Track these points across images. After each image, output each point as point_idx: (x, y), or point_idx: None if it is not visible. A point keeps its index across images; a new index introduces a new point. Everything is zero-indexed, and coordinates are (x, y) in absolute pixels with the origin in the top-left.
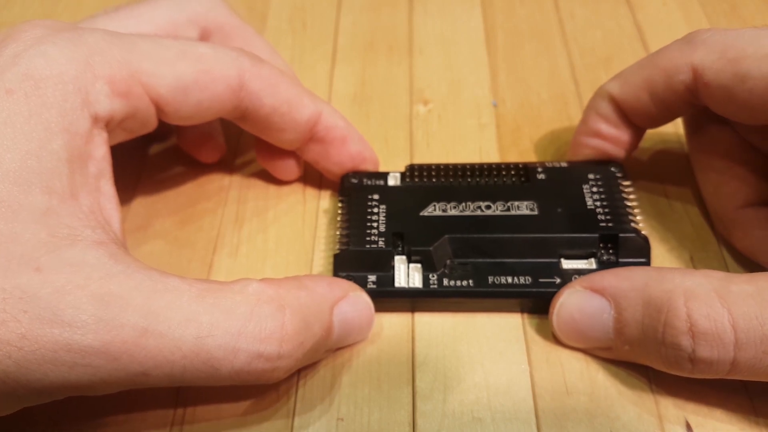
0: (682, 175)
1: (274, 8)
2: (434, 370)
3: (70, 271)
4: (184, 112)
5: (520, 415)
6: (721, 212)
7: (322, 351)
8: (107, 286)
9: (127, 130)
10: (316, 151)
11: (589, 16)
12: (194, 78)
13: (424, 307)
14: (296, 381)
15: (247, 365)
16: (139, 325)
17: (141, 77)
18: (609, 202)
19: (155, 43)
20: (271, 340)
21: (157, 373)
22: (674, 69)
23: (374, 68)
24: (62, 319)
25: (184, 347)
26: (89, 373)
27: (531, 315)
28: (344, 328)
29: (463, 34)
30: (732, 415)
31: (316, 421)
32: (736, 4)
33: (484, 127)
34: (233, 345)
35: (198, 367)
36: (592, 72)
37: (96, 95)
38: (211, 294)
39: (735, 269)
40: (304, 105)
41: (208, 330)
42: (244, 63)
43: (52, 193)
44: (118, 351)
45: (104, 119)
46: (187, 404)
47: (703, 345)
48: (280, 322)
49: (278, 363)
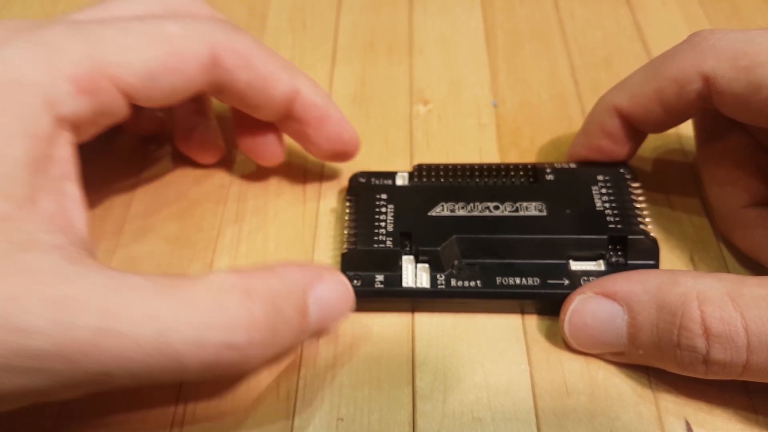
0: (682, 175)
1: (274, 8)
2: (434, 370)
3: (23, 276)
4: (157, 97)
5: (520, 415)
6: (724, 211)
7: (301, 336)
8: (62, 290)
9: (96, 125)
10: (295, 129)
11: (589, 16)
12: (164, 62)
13: (432, 308)
14: (296, 381)
15: (215, 357)
16: (96, 325)
17: (108, 70)
18: (618, 203)
19: (120, 30)
20: (239, 329)
21: (119, 372)
22: (685, 79)
23: (374, 68)
24: (15, 325)
25: (145, 344)
26: (47, 378)
27: (531, 315)
28: (322, 311)
29: (463, 34)
30: (732, 415)
31: (316, 421)
32: (736, 4)
33: (484, 127)
34: (198, 337)
35: (163, 363)
36: (592, 72)
37: (59, 96)
38: (172, 288)
39: (735, 269)
40: (279, 80)
41: (169, 325)
42: (216, 36)
43: (9, 198)
44: (74, 353)
45: (69, 120)
46: (188, 404)
47: (717, 347)
48: (248, 310)
49: (249, 352)
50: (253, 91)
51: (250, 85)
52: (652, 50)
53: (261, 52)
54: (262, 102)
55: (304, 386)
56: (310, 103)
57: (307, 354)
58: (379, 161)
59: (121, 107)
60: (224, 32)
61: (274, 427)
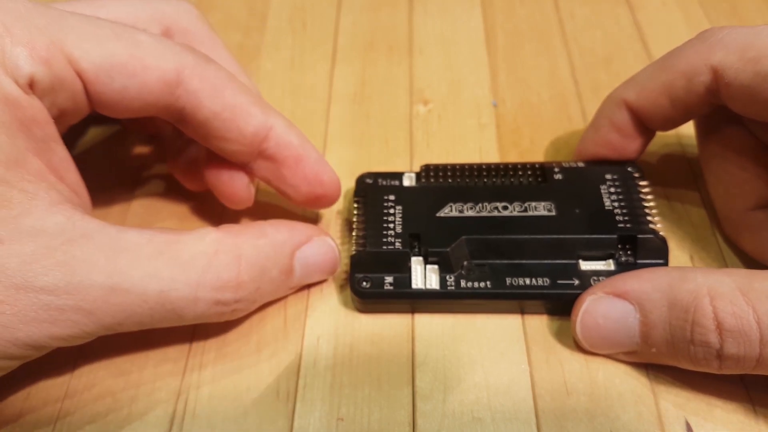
0: (682, 175)
1: (274, 8)
2: (434, 370)
3: (31, 240)
4: (108, 97)
5: (520, 415)
6: (730, 214)
7: (285, 289)
8: (70, 252)
9: (58, 107)
10: (268, 169)
11: (589, 16)
12: (123, 61)
13: (441, 309)
14: (296, 381)
15: (207, 310)
16: (106, 285)
17: (63, 47)
18: (627, 202)
19: (86, 20)
20: (227, 289)
21: (129, 322)
22: (693, 71)
23: (374, 68)
24: (35, 285)
25: (149, 300)
26: (70, 326)
27: (531, 315)
28: (306, 269)
29: (463, 34)
30: (732, 415)
31: (316, 421)
32: (736, 4)
33: (484, 127)
34: (193, 295)
35: (164, 315)
36: (592, 72)
37: (14, 59)
38: (169, 248)
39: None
40: (251, 115)
41: (169, 284)
42: (186, 59)
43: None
44: (91, 308)
45: (28, 82)
46: (187, 403)
47: (730, 342)
48: (236, 272)
49: (236, 306)
50: (219, 122)
51: (216, 115)
52: (652, 50)
53: (233, 84)
54: (231, 135)
55: (304, 386)
56: (285, 142)
57: (307, 354)
58: (379, 161)
59: (79, 93)
60: (197, 58)
61: (274, 427)
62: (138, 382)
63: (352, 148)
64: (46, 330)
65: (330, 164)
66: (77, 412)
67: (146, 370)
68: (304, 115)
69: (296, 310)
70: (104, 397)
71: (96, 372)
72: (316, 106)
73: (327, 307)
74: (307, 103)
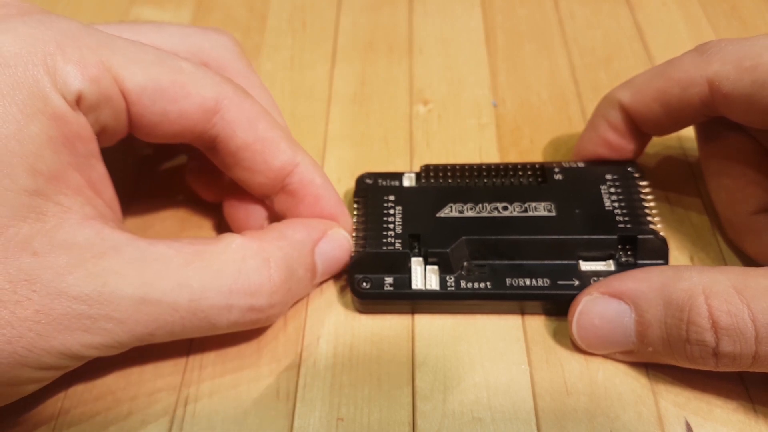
0: (683, 175)
1: (274, 8)
2: (434, 370)
3: (64, 253)
4: (148, 120)
5: (520, 415)
6: (732, 218)
7: (310, 288)
8: (101, 264)
9: (101, 124)
10: (286, 203)
11: (589, 16)
12: (166, 86)
13: (441, 309)
14: (296, 381)
15: (241, 317)
16: (137, 296)
17: (111, 67)
18: (627, 203)
19: (132, 44)
20: (260, 294)
21: (161, 332)
22: (689, 81)
23: (374, 68)
24: (69, 295)
25: (180, 309)
26: (102, 335)
27: (531, 315)
28: (327, 264)
29: (463, 34)
30: (732, 415)
31: (316, 421)
32: (736, 4)
33: (484, 127)
34: (226, 302)
35: (196, 324)
36: (592, 72)
37: (65, 77)
38: (198, 257)
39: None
40: (280, 150)
41: (200, 293)
42: (226, 90)
43: (36, 174)
44: (122, 317)
45: (76, 99)
46: (187, 403)
47: (726, 340)
48: (267, 275)
49: (270, 311)
50: (249, 153)
51: (248, 146)
52: (652, 50)
53: (267, 118)
54: (258, 167)
55: (304, 386)
56: (308, 180)
57: (307, 354)
58: (379, 161)
59: (122, 111)
60: (236, 90)
61: (274, 427)
62: (138, 382)
63: (352, 148)
64: (79, 338)
65: (330, 165)
66: (77, 412)
67: (146, 370)
68: (304, 115)
69: (296, 310)
70: (104, 396)
71: (96, 371)
72: (316, 106)
73: (327, 308)
74: (307, 103)
